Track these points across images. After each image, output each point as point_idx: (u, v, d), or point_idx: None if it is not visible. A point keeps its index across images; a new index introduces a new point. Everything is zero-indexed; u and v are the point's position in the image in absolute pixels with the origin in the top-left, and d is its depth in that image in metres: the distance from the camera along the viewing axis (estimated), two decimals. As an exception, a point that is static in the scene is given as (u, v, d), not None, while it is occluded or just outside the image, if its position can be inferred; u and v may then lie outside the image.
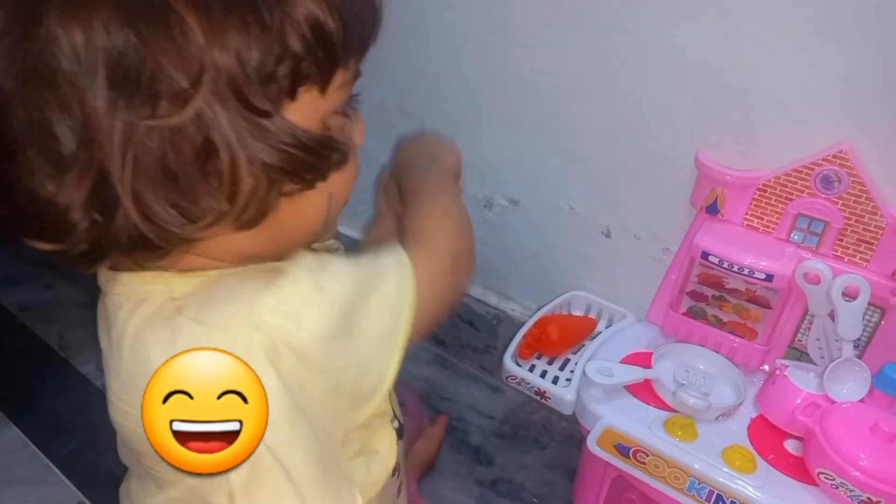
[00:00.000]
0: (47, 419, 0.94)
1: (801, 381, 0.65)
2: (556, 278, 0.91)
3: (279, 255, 0.42)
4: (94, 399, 0.98)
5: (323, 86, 0.37)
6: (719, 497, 0.61)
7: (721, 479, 0.61)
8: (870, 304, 0.65)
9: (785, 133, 0.67)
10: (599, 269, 0.87)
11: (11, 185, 0.33)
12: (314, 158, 0.37)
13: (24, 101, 0.32)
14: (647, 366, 0.71)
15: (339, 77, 0.38)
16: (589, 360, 0.73)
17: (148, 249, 0.36)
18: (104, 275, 0.43)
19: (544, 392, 0.74)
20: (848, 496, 0.57)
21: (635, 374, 0.70)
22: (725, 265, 0.68)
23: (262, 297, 0.38)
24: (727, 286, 0.71)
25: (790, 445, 0.65)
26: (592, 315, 0.87)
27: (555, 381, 0.76)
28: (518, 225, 0.92)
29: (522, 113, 0.83)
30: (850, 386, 0.64)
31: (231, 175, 0.34)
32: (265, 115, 0.34)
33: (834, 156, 0.64)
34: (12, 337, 1.09)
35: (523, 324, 0.81)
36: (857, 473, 0.56)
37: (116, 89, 0.31)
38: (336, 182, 0.40)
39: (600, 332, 0.82)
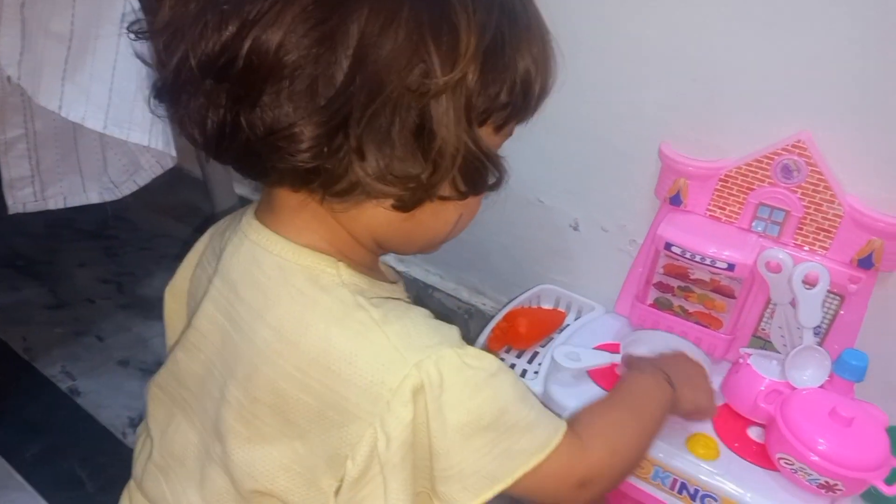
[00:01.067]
0: (10, 423, 0.92)
1: (764, 369, 0.66)
2: (527, 271, 0.91)
3: (396, 249, 0.49)
4: (58, 403, 0.97)
5: (500, 127, 0.44)
6: (683, 485, 0.62)
7: (685, 467, 0.62)
8: (829, 291, 0.66)
9: (746, 124, 0.67)
10: (568, 261, 0.87)
11: (251, 120, 0.39)
12: (485, 172, 0.43)
13: (310, 53, 0.37)
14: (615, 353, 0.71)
15: (513, 126, 0.46)
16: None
17: (331, 188, 0.41)
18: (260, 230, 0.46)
19: (512, 385, 0.74)
20: (807, 480, 0.58)
21: (602, 358, 0.70)
22: (688, 255, 0.68)
23: (448, 349, 0.42)
24: (692, 277, 0.72)
25: (753, 433, 0.65)
26: (562, 308, 0.87)
27: (523, 374, 0.76)
28: (489, 218, 0.90)
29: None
30: (810, 372, 0.65)
31: (437, 154, 0.40)
32: (471, 124, 0.41)
33: (793, 145, 0.64)
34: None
35: (493, 317, 0.81)
36: (816, 458, 0.57)
37: (394, 49, 0.38)
38: (471, 205, 0.46)
39: (569, 325, 0.83)
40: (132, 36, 0.43)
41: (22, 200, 0.87)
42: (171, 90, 0.41)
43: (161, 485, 0.51)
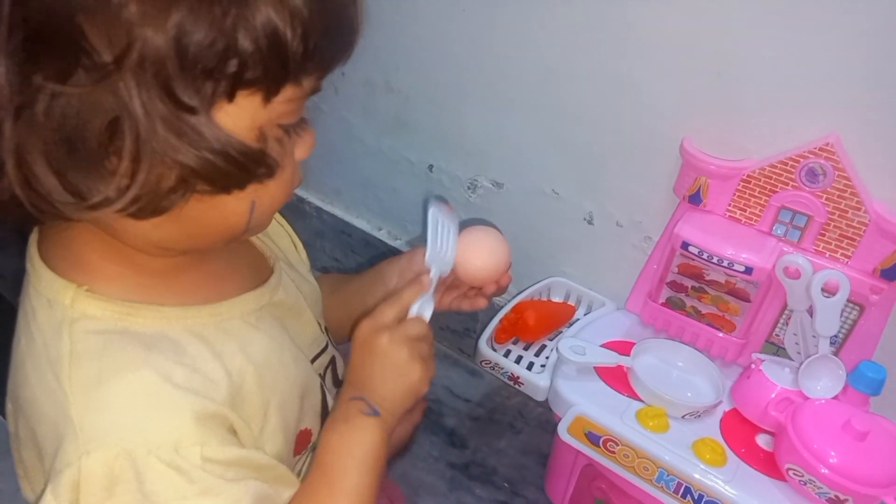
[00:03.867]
0: None
1: (776, 376, 0.65)
2: (538, 263, 0.90)
3: (195, 249, 0.41)
4: None
5: (267, 95, 0.34)
6: (688, 489, 0.61)
7: (690, 472, 0.61)
8: (849, 300, 0.64)
9: (772, 123, 0.65)
10: (580, 255, 0.86)
11: None
12: (234, 168, 0.34)
13: None
14: (624, 354, 0.70)
15: (289, 91, 0.35)
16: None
17: (36, 215, 0.34)
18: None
19: (518, 377, 0.73)
20: (816, 493, 0.57)
21: (608, 357, 0.69)
22: (705, 256, 0.67)
23: (139, 447, 0.35)
24: (707, 277, 0.70)
25: (762, 440, 0.64)
26: (572, 302, 0.86)
27: (529, 366, 0.75)
28: (501, 208, 0.90)
29: (509, 93, 0.81)
30: (824, 383, 0.64)
31: (130, 164, 0.32)
32: (190, 111, 0.32)
33: (820, 148, 0.62)
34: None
35: (502, 308, 0.80)
36: (826, 471, 0.56)
37: (30, 45, 0.29)
38: (261, 192, 0.37)
39: (578, 320, 0.82)
40: None
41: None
42: None
43: None
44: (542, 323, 0.79)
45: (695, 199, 0.70)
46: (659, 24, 0.67)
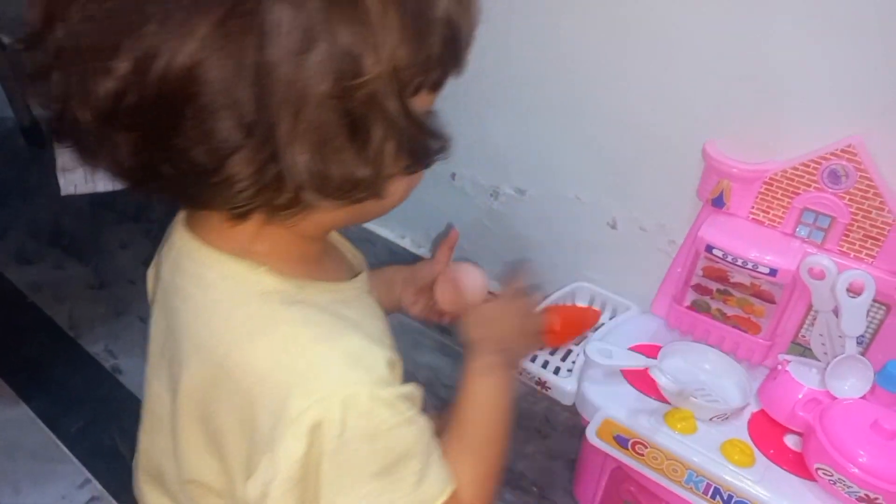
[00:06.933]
0: (55, 397, 0.96)
1: (803, 376, 0.65)
2: (562, 268, 0.91)
3: (350, 222, 0.46)
4: (101, 379, 1.00)
5: (436, 85, 0.40)
6: (717, 490, 0.62)
7: (719, 473, 0.61)
8: (875, 300, 0.64)
9: (793, 126, 0.66)
10: (605, 259, 0.87)
11: (174, 157, 0.35)
12: (432, 145, 0.40)
13: (222, 71, 0.32)
14: (651, 357, 0.71)
15: (447, 79, 0.40)
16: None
17: (273, 212, 0.39)
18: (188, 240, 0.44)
19: (545, 382, 0.74)
20: (846, 492, 0.57)
21: (635, 360, 0.70)
22: (730, 259, 0.67)
23: (361, 388, 0.40)
24: (732, 280, 0.71)
25: (790, 441, 0.65)
26: (597, 306, 0.87)
27: (556, 371, 0.76)
28: (525, 214, 0.92)
29: (532, 100, 0.83)
30: (852, 382, 0.64)
31: (377, 153, 0.37)
32: (406, 102, 0.37)
33: (842, 150, 0.63)
34: (23, 315, 1.10)
35: (527, 313, 0.81)
36: (856, 470, 0.56)
37: (308, 57, 0.33)
38: (417, 175, 0.43)
39: (603, 324, 0.82)
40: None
41: (73, 182, 0.91)
42: (68, 136, 0.36)
43: (149, 437, 0.52)
44: (567, 328, 0.80)
45: (718, 202, 0.70)
46: (682, 30, 0.68)
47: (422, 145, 0.39)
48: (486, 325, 0.58)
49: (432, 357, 1.05)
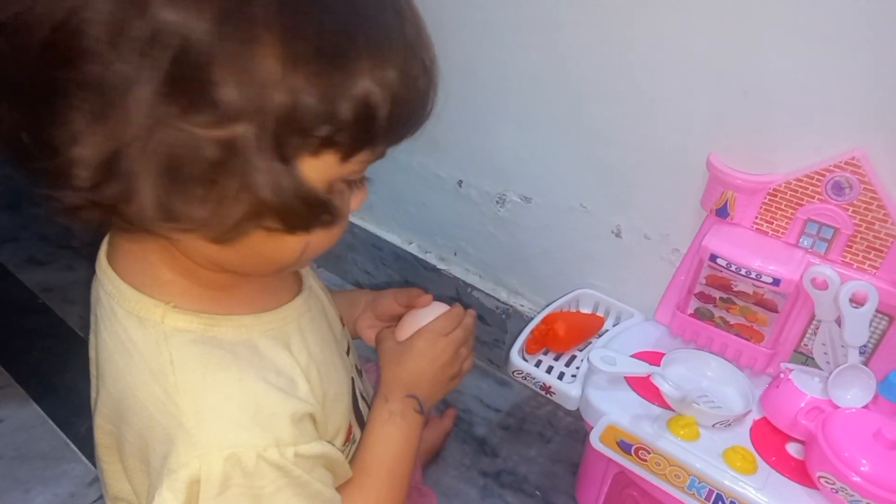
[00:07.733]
0: (66, 398, 0.97)
1: (806, 385, 0.66)
2: (566, 276, 0.92)
3: (244, 273, 0.44)
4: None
5: (346, 156, 0.37)
6: (719, 497, 0.62)
7: (721, 479, 0.62)
8: (877, 311, 0.65)
9: (797, 138, 0.67)
10: (609, 267, 0.87)
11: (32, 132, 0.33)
12: (306, 213, 0.38)
13: (101, 59, 0.31)
14: (653, 364, 0.72)
15: (364, 154, 0.38)
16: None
17: (123, 227, 0.37)
18: (108, 274, 0.44)
19: (549, 387, 0.75)
20: (848, 501, 0.58)
21: (638, 367, 0.71)
22: (733, 268, 0.68)
23: (247, 449, 0.39)
24: (735, 289, 0.72)
25: (792, 449, 0.65)
26: (600, 313, 0.87)
27: (560, 376, 0.77)
28: (530, 222, 0.93)
29: (537, 111, 0.84)
30: (854, 392, 0.64)
31: (232, 198, 0.35)
32: (285, 161, 0.35)
33: (846, 162, 0.64)
34: (34, 316, 1.12)
35: (532, 319, 0.82)
36: (858, 479, 0.57)
37: (170, 84, 0.31)
38: (317, 235, 0.40)
39: (607, 331, 0.83)
40: None
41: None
42: None
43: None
44: (571, 334, 0.81)
45: (722, 212, 0.71)
46: (686, 44, 0.69)
47: (294, 211, 0.37)
48: (401, 363, 0.56)
49: (474, 381, 1.05)
